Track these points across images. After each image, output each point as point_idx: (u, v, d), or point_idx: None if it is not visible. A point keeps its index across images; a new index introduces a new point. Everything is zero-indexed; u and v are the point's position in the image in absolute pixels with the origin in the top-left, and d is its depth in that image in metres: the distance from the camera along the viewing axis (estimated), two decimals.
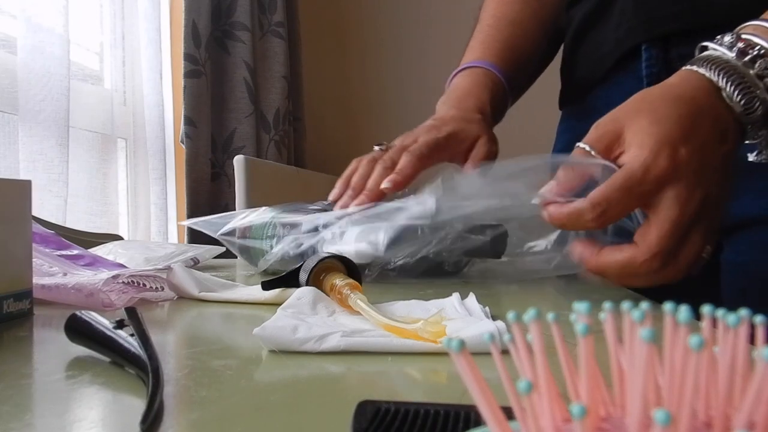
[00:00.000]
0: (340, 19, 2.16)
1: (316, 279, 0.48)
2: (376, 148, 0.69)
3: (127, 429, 0.23)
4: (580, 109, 0.77)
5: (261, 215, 0.72)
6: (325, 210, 0.68)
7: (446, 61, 0.90)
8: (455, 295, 0.47)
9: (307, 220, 0.67)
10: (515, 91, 0.78)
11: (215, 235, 0.74)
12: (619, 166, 0.45)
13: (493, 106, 0.73)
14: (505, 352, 0.15)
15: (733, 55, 0.44)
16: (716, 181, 0.44)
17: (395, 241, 0.63)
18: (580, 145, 0.47)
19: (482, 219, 0.57)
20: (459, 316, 0.41)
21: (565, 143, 0.76)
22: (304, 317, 0.40)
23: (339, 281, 0.45)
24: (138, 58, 1.37)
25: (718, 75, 0.44)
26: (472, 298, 0.46)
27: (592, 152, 0.46)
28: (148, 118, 1.37)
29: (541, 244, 0.57)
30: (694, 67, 0.46)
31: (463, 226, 0.65)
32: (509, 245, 0.61)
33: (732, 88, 0.43)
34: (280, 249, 0.66)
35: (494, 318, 0.40)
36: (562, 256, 0.55)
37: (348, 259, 0.50)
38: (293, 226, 0.67)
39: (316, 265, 0.48)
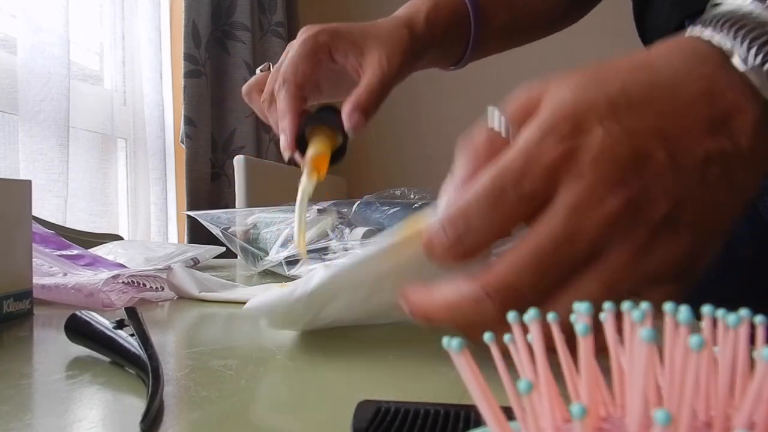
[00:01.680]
0: (340, 19, 2.14)
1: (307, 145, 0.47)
2: (258, 71, 0.60)
3: (127, 429, 0.23)
4: None
5: (263, 215, 0.72)
6: (327, 211, 0.68)
7: None
8: None
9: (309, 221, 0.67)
10: (494, 14, 0.61)
11: (218, 231, 0.74)
12: None
13: (435, 18, 0.56)
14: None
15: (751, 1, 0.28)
16: (678, 192, 0.25)
17: None
18: (493, 121, 0.29)
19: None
20: None
21: None
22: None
23: (311, 153, 0.45)
24: (138, 58, 1.37)
25: (729, 32, 0.27)
26: None
27: (502, 131, 0.28)
28: (148, 118, 1.37)
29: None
30: (696, 30, 0.29)
31: None
32: None
33: (746, 45, 0.26)
34: (280, 249, 0.66)
35: None
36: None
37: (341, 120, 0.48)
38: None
39: (306, 125, 0.47)
